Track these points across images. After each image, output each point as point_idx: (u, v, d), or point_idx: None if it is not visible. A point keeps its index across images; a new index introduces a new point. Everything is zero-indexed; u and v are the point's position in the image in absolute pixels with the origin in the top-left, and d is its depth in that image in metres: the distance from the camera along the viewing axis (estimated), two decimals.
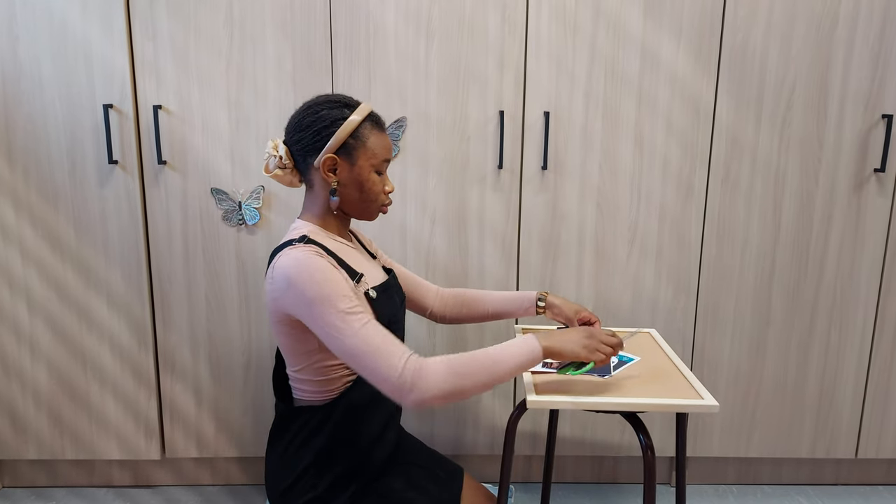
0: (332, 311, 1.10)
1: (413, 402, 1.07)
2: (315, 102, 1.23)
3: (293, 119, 1.24)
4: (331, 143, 1.20)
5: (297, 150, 1.23)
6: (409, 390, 1.06)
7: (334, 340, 1.10)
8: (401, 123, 1.77)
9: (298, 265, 1.12)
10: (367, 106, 1.24)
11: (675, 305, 1.89)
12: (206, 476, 2.03)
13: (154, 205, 1.80)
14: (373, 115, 1.24)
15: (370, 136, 1.22)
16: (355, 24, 1.72)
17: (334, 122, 1.20)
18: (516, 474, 2.06)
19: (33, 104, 1.73)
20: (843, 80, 1.77)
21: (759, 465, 2.06)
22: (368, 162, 1.23)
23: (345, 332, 1.09)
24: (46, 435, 1.91)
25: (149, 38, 1.71)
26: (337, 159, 1.21)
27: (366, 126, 1.22)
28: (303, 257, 1.13)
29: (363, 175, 1.23)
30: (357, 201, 1.25)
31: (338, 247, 1.25)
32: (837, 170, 1.82)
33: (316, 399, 1.24)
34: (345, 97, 1.24)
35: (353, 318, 1.10)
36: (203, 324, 1.87)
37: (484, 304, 1.53)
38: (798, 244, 1.87)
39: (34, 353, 1.87)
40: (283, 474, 1.26)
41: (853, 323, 1.91)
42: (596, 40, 1.75)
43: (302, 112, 1.23)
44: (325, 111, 1.21)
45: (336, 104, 1.22)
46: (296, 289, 1.12)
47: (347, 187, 1.23)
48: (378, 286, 1.28)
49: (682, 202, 1.84)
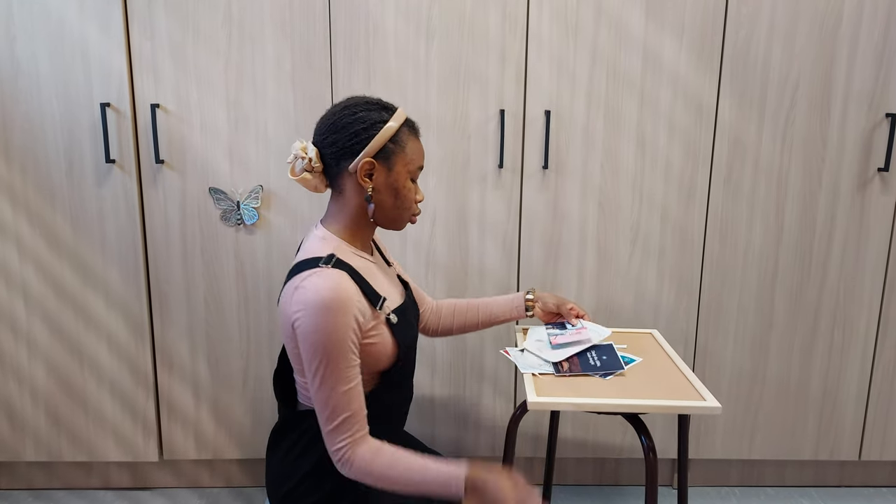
0: (330, 364, 1.10)
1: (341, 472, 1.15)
2: (352, 103, 1.18)
3: (326, 120, 1.18)
4: (370, 146, 1.15)
5: (330, 152, 1.17)
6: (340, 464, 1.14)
7: (313, 381, 1.12)
8: None
9: (324, 306, 1.08)
10: (403, 111, 1.20)
11: (678, 306, 1.88)
12: (205, 477, 2.02)
13: (152, 204, 1.79)
14: (409, 120, 1.21)
15: (408, 142, 1.18)
16: (355, 23, 1.71)
17: (374, 125, 1.15)
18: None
19: (30, 103, 1.72)
20: (846, 78, 1.76)
21: (762, 466, 2.05)
22: (406, 168, 1.19)
23: (328, 385, 1.11)
24: (44, 436, 1.90)
25: (147, 37, 1.70)
26: (375, 164, 1.16)
27: (404, 131, 1.18)
28: (331, 296, 1.09)
29: (400, 181, 1.18)
30: (391, 208, 1.20)
31: (362, 265, 1.21)
32: (841, 169, 1.81)
33: None
34: (381, 100, 1.19)
35: (343, 379, 1.11)
36: (202, 325, 1.85)
37: (476, 311, 1.51)
38: (801, 244, 1.85)
39: (31, 353, 1.85)
40: (285, 478, 1.24)
41: (857, 323, 1.89)
42: (597, 39, 1.73)
43: (338, 112, 1.17)
44: (363, 112, 1.16)
45: (374, 106, 1.17)
46: (310, 325, 1.09)
47: (382, 194, 1.18)
48: (398, 308, 1.24)
49: (685, 202, 1.83)
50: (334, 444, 1.12)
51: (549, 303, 1.51)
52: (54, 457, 1.92)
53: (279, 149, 1.77)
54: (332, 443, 1.13)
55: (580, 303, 1.88)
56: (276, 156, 1.77)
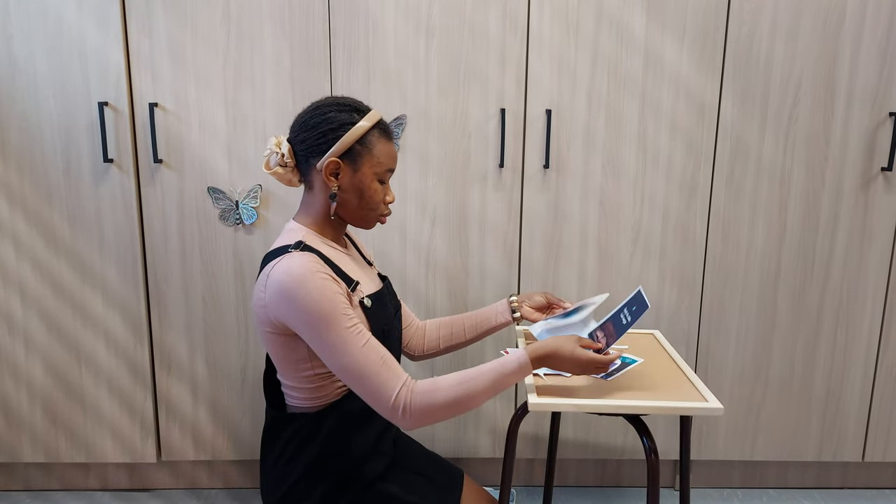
0: (332, 329, 1.09)
1: (407, 426, 1.11)
2: (324, 103, 1.20)
3: (300, 118, 1.22)
4: (336, 146, 1.17)
5: (301, 149, 1.20)
6: (402, 415, 1.10)
7: (332, 358, 1.10)
8: (400, 121, 1.75)
9: (298, 279, 1.09)
10: (377, 113, 1.22)
11: (679, 306, 1.87)
12: (203, 478, 2.01)
13: (150, 204, 1.77)
14: (382, 122, 1.22)
15: (377, 144, 1.20)
16: (354, 21, 1.70)
17: (342, 126, 1.18)
18: (518, 478, 2.03)
19: (27, 102, 1.71)
20: (850, 76, 1.74)
21: (765, 468, 2.03)
22: (372, 170, 1.20)
23: (344, 351, 1.09)
24: (42, 436, 1.89)
25: (145, 35, 1.69)
26: (340, 163, 1.19)
27: (374, 133, 1.20)
28: (301, 270, 1.10)
29: (365, 182, 1.20)
30: (356, 208, 1.22)
31: (333, 253, 1.23)
32: (844, 168, 1.79)
33: (308, 406, 1.22)
34: (355, 101, 1.21)
35: (353, 338, 1.10)
36: (200, 325, 1.84)
37: (461, 322, 1.48)
38: (804, 243, 1.84)
39: (28, 352, 1.84)
40: (276, 483, 1.23)
41: (860, 323, 1.88)
42: (598, 39, 1.72)
43: (309, 112, 1.21)
44: (333, 113, 1.18)
45: (345, 107, 1.19)
46: (294, 303, 1.09)
47: (347, 193, 1.21)
48: (373, 294, 1.25)
49: (686, 201, 1.81)
50: (386, 398, 1.09)
51: (535, 297, 1.47)
52: (52, 457, 1.91)
53: None
54: (385, 398, 1.09)
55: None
56: None
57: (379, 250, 1.83)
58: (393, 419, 1.10)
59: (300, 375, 1.19)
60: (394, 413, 1.10)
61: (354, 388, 1.11)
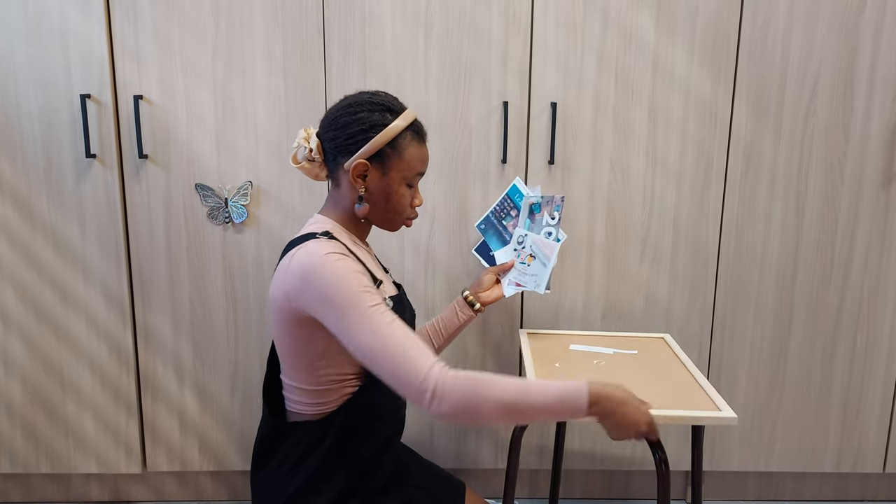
0: (357, 307, 1.03)
1: (434, 411, 1.00)
2: (356, 101, 1.17)
3: (330, 114, 1.18)
4: (365, 148, 1.14)
5: (330, 147, 1.18)
6: (431, 398, 0.99)
7: (356, 339, 1.03)
8: None
9: (321, 259, 1.06)
10: (412, 113, 1.18)
11: (691, 310, 1.80)
12: (189, 492, 1.93)
13: (135, 201, 1.70)
14: (416, 124, 1.19)
15: (408, 147, 1.17)
16: (349, 12, 1.64)
17: (372, 127, 1.14)
18: (522, 489, 1.98)
19: (6, 94, 1.64)
20: (870, 68, 1.68)
21: (781, 479, 1.98)
22: (401, 174, 1.18)
23: (369, 329, 1.03)
24: (20, 447, 1.82)
25: (129, 22, 1.62)
26: (368, 166, 1.16)
27: (406, 135, 1.16)
28: (325, 251, 1.08)
29: (393, 187, 1.18)
30: (382, 211, 1.20)
31: (358, 251, 1.21)
32: (864, 166, 1.74)
33: (310, 413, 1.17)
34: (390, 100, 1.17)
35: (379, 316, 1.04)
36: (187, 328, 1.77)
37: (433, 326, 1.49)
38: (822, 245, 1.78)
39: (7, 344, 1.77)
40: (272, 497, 1.19)
41: (881, 328, 1.82)
42: (604, 42, 1.66)
43: (341, 109, 1.17)
44: (364, 113, 1.15)
45: (378, 107, 1.16)
46: (317, 283, 1.05)
47: (374, 196, 1.18)
48: (394, 297, 1.23)
49: (698, 201, 1.75)
50: (418, 377, 0.99)
51: (484, 281, 1.51)
52: (31, 469, 1.83)
53: (269, 142, 1.69)
54: (415, 376, 0.99)
55: (588, 307, 1.79)
56: (267, 150, 1.69)
57: (378, 250, 1.77)
58: (420, 402, 1.00)
59: (312, 375, 1.14)
60: (421, 395, 0.99)
61: (379, 370, 1.02)
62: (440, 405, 0.99)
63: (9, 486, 1.90)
